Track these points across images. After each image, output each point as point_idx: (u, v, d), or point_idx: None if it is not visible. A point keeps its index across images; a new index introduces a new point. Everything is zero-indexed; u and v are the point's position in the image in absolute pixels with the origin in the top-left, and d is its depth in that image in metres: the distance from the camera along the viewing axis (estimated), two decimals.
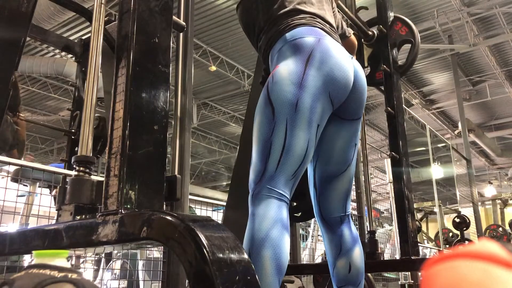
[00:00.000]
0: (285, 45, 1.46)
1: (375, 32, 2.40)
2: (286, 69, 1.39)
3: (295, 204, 2.36)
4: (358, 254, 1.59)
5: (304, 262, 4.95)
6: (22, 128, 2.72)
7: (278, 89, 1.36)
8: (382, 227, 9.13)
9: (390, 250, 6.92)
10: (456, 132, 11.96)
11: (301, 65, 1.38)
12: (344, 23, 1.87)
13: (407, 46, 2.46)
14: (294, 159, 1.35)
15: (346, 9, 2.15)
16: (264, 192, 1.32)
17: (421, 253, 5.01)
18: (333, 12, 1.74)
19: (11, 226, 3.52)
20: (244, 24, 1.70)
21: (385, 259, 5.33)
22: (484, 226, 10.31)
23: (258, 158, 1.37)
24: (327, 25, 1.58)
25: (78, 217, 0.96)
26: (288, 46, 1.45)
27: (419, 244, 2.37)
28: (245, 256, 0.75)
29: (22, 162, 2.63)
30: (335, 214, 1.61)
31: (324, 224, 1.63)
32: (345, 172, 1.60)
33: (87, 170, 1.02)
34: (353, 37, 1.92)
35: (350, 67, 1.46)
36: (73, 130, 2.24)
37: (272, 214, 1.28)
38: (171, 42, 1.07)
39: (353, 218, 4.00)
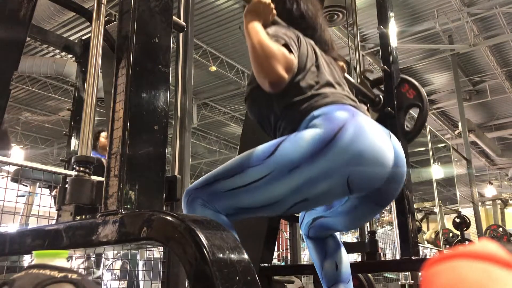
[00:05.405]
0: (314, 120, 1.24)
1: (381, 97, 2.28)
2: (313, 133, 1.20)
3: None
4: (343, 254, 1.64)
5: (304, 262, 4.95)
6: None
7: (292, 145, 1.20)
8: (383, 227, 9.13)
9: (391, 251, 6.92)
10: (456, 132, 11.96)
11: (329, 136, 1.17)
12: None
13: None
14: (245, 200, 1.22)
15: (352, 79, 2.10)
16: (199, 202, 1.24)
17: (421, 253, 5.00)
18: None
19: (11, 226, 3.52)
20: (257, 116, 1.46)
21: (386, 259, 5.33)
22: (484, 226, 10.32)
23: (220, 171, 1.26)
24: (355, 102, 1.38)
25: (78, 217, 0.96)
26: (317, 120, 1.23)
27: (419, 244, 2.37)
28: (245, 256, 0.75)
29: (22, 162, 2.63)
30: None
31: (308, 234, 1.67)
32: None
33: (87, 170, 1.02)
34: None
35: (388, 149, 1.24)
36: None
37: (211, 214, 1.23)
38: (171, 42, 1.07)
39: None
